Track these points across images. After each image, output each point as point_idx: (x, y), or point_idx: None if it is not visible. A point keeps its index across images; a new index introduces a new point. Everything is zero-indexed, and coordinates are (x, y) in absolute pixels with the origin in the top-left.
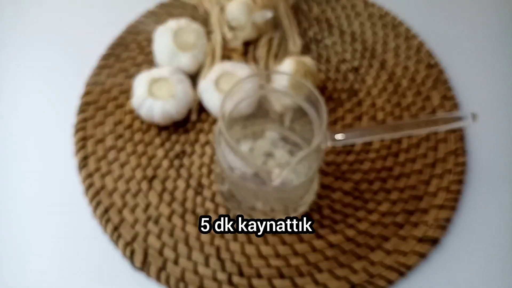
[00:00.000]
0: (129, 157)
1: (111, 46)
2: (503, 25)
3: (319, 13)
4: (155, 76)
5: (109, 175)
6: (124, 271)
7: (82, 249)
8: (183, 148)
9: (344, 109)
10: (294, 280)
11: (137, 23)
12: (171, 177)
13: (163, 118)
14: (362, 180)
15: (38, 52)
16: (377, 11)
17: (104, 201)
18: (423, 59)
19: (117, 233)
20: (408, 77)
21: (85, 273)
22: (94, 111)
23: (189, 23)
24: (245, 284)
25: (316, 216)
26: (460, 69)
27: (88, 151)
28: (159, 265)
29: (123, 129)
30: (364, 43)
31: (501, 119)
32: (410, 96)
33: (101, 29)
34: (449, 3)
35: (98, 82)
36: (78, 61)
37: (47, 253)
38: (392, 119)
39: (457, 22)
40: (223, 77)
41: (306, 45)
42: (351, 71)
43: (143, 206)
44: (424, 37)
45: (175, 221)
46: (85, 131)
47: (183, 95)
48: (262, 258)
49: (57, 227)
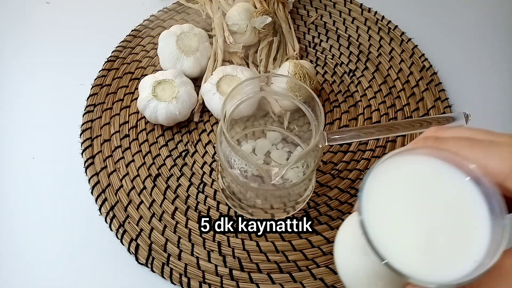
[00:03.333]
0: (134, 156)
1: (117, 50)
2: (494, 29)
3: (317, 18)
4: (159, 79)
5: (115, 174)
6: (129, 266)
7: (89, 245)
8: (186, 148)
9: (341, 110)
10: (292, 274)
11: (142, 27)
12: (174, 176)
13: (167, 119)
14: (358, 179)
15: (47, 56)
16: (373, 16)
17: (109, 199)
18: (417, 62)
19: (122, 229)
20: (402, 79)
21: (91, 268)
22: (100, 112)
23: (192, 27)
24: (245, 278)
25: (314, 213)
26: (453, 71)
27: (94, 151)
28: (163, 260)
29: (128, 130)
30: (360, 46)
31: (492, 119)
32: (404, 98)
33: (108, 33)
34: (442, 9)
35: (104, 84)
36: (85, 64)
37: (54, 249)
38: (387, 120)
39: (450, 26)
40: (224, 80)
41: (304, 49)
42: (348, 73)
43: (147, 204)
44: (418, 41)
45: (178, 218)
46: (91, 131)
47: (186, 97)
48: (261, 253)
49: (64, 224)
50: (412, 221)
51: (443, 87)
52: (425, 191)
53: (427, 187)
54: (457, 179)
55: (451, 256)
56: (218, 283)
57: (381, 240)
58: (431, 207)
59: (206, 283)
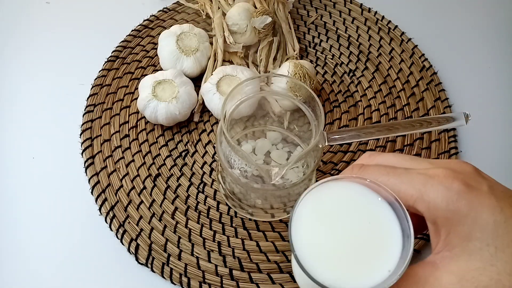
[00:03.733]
0: (134, 156)
1: (117, 50)
2: (494, 29)
3: (317, 18)
4: (159, 79)
5: (115, 174)
6: (129, 266)
7: (89, 245)
8: (186, 148)
9: (341, 110)
10: (292, 274)
11: (142, 27)
12: (174, 176)
13: (167, 119)
14: None
15: (47, 56)
16: (373, 16)
17: (109, 199)
18: (417, 62)
19: (122, 229)
20: (402, 79)
21: (91, 268)
22: (100, 112)
23: (192, 27)
24: (245, 278)
25: None
26: (453, 71)
27: (94, 151)
28: (163, 260)
29: (128, 130)
30: (360, 46)
31: (492, 119)
32: (404, 98)
33: (108, 33)
34: (442, 9)
35: (104, 84)
36: (85, 64)
37: (54, 249)
38: (387, 120)
39: (450, 26)
40: (224, 80)
41: (304, 49)
42: (348, 73)
43: (147, 204)
44: (418, 41)
45: (178, 218)
46: (91, 131)
47: (186, 97)
48: (261, 253)
49: (64, 224)
50: (337, 241)
51: (443, 87)
52: (348, 214)
53: (350, 210)
54: (374, 202)
55: (370, 268)
56: (218, 283)
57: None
58: (353, 228)
59: (206, 283)
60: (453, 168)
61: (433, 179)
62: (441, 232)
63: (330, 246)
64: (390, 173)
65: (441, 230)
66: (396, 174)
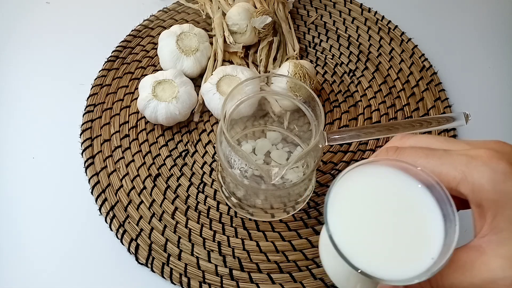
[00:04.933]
0: (134, 156)
1: (117, 50)
2: (494, 29)
3: (317, 18)
4: (159, 79)
5: (115, 174)
6: (129, 266)
7: (89, 245)
8: (186, 148)
9: (341, 110)
10: (292, 274)
11: (142, 27)
12: (174, 176)
13: (167, 119)
14: None
15: (47, 56)
16: (373, 16)
17: (109, 199)
18: (417, 62)
19: (122, 229)
20: (402, 79)
21: (91, 268)
22: (100, 112)
23: (192, 27)
24: (245, 278)
25: (314, 213)
26: (453, 71)
27: (94, 151)
28: (163, 260)
29: (128, 130)
30: (360, 46)
31: (492, 119)
32: (404, 98)
33: (108, 33)
34: (442, 9)
35: (104, 84)
36: (85, 64)
37: (54, 249)
38: (387, 120)
39: (450, 26)
40: (224, 80)
41: (304, 49)
42: (348, 73)
43: (147, 204)
44: (418, 41)
45: (178, 218)
46: (91, 131)
47: (186, 97)
48: (261, 253)
49: (64, 224)
50: (375, 228)
51: (443, 87)
52: (385, 199)
53: (387, 196)
54: (412, 186)
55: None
56: (218, 283)
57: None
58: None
59: (206, 283)
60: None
61: (476, 160)
62: (486, 215)
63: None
64: (429, 155)
65: (486, 213)
66: (436, 156)
